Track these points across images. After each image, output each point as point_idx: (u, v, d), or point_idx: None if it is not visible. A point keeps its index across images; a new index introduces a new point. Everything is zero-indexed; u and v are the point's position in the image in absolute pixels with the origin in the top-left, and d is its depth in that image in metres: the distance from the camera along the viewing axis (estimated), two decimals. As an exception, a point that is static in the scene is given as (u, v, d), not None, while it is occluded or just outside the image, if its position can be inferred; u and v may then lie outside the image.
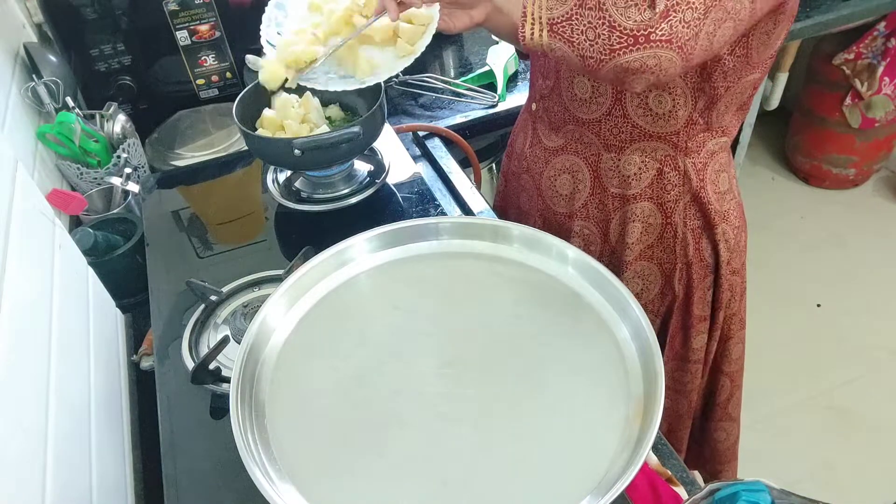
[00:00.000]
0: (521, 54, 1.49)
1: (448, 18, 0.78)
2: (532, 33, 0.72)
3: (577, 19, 0.70)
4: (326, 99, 1.08)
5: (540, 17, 0.71)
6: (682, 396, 1.14)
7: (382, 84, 1.02)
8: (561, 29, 0.71)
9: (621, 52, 0.68)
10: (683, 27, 0.67)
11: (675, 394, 1.14)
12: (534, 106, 1.02)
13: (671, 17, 0.66)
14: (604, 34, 0.68)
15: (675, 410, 1.16)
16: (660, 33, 0.67)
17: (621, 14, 0.67)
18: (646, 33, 0.67)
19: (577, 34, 0.70)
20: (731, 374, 1.13)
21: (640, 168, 0.91)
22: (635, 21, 0.67)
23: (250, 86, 1.06)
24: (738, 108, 0.90)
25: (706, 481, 1.35)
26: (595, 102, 0.88)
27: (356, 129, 0.94)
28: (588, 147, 0.93)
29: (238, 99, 1.03)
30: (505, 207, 1.18)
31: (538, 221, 1.05)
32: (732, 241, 0.98)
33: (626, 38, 0.67)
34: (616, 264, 0.99)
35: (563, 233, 1.02)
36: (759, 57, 0.82)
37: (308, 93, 1.02)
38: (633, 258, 0.97)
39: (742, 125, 2.09)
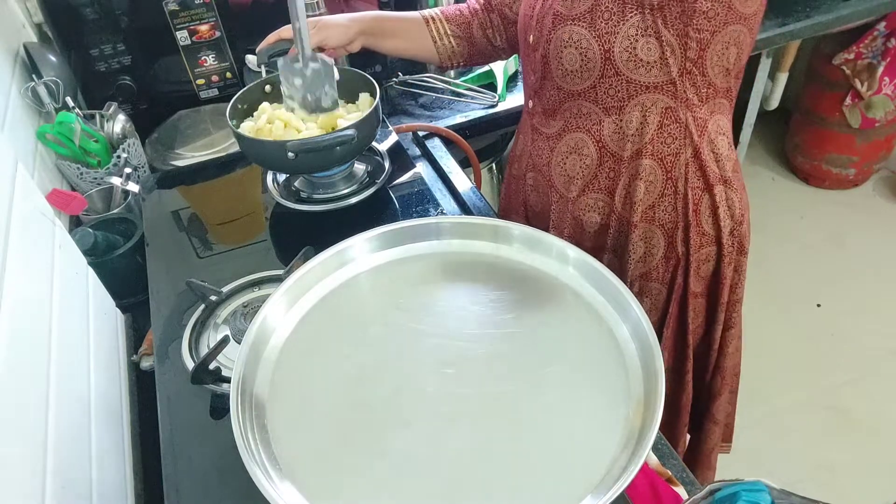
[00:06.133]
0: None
1: None
2: None
3: None
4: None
5: None
6: (681, 387, 1.13)
7: (378, 87, 1.03)
8: None
9: None
10: None
11: (675, 383, 1.13)
12: (530, 104, 1.02)
13: None
14: None
15: (674, 402, 1.15)
16: None
17: None
18: None
19: None
20: (723, 369, 1.12)
21: (641, 123, 0.91)
22: None
23: (246, 87, 1.06)
24: (736, 74, 0.90)
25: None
26: (586, 69, 0.88)
27: (350, 132, 0.93)
28: (588, 117, 0.94)
29: (233, 100, 1.03)
30: (507, 215, 1.18)
31: (555, 213, 1.05)
32: (737, 210, 0.97)
33: None
34: (624, 228, 0.99)
35: (579, 213, 1.01)
36: (744, 9, 0.83)
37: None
38: (638, 219, 0.97)
39: (742, 124, 2.10)
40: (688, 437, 1.25)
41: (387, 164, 1.12)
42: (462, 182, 1.17)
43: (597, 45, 0.86)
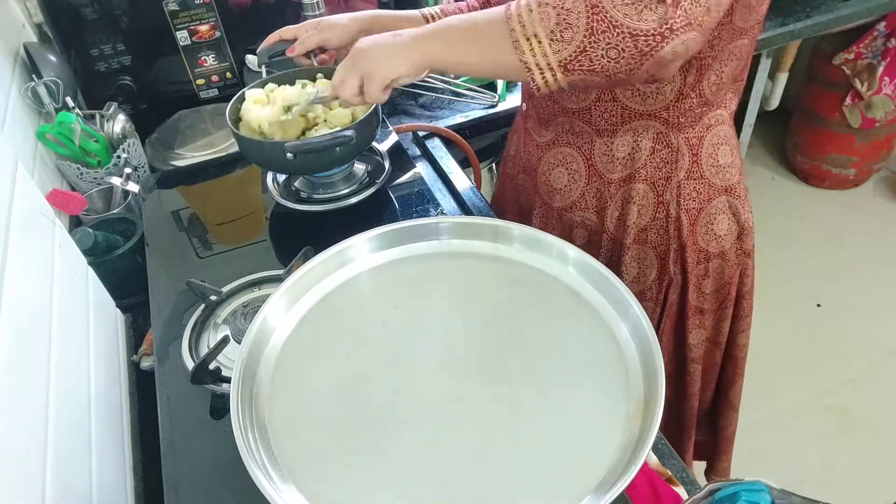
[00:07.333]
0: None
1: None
2: (546, 81, 0.70)
3: (592, 48, 0.68)
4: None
5: (548, 64, 0.69)
6: (682, 401, 1.13)
7: None
8: (577, 65, 0.69)
9: (651, 54, 0.67)
10: (695, 6, 0.67)
11: (676, 392, 1.13)
12: (524, 106, 1.02)
13: (682, 2, 0.66)
14: (628, 46, 0.67)
15: (677, 412, 1.15)
16: (679, 22, 0.66)
17: (637, 20, 0.66)
18: (668, 27, 0.66)
19: (598, 59, 0.68)
20: (735, 359, 1.12)
21: (632, 148, 0.91)
22: (653, 20, 0.66)
23: (246, 88, 1.06)
24: (733, 80, 0.89)
25: (705, 475, 1.36)
26: (583, 91, 0.88)
27: (349, 132, 0.93)
28: (580, 136, 0.93)
29: (233, 100, 1.03)
30: (501, 212, 1.18)
31: (538, 217, 1.05)
32: (742, 215, 0.97)
33: (651, 38, 0.67)
34: (616, 249, 0.99)
35: (565, 226, 1.02)
36: (745, 23, 0.82)
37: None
38: (631, 241, 0.97)
39: (742, 124, 2.10)
40: (696, 462, 1.27)
41: (387, 164, 1.12)
42: (462, 182, 1.17)
43: None
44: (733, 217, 0.96)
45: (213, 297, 0.88)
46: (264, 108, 0.99)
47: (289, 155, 0.93)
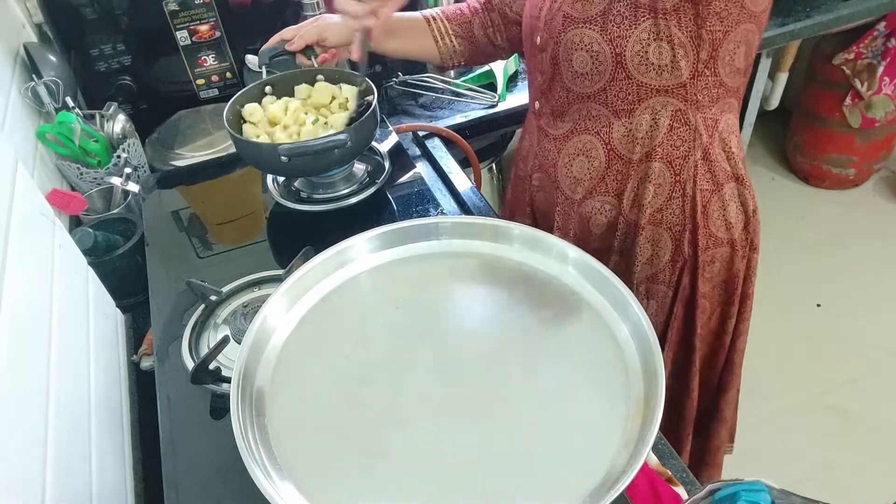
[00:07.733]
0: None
1: None
2: None
3: None
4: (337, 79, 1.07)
5: None
6: (685, 394, 1.13)
7: (375, 92, 1.02)
8: None
9: None
10: None
11: (678, 390, 1.12)
12: (536, 105, 1.02)
13: None
14: None
15: (678, 408, 1.15)
16: None
17: None
18: None
19: None
20: (733, 364, 1.12)
21: (651, 126, 0.91)
22: None
23: (246, 88, 1.06)
24: (744, 71, 0.90)
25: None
26: (597, 72, 0.88)
27: (342, 136, 0.93)
28: (597, 120, 0.93)
29: (231, 101, 1.02)
30: (513, 215, 1.18)
31: (560, 214, 1.05)
32: (750, 205, 0.97)
33: None
34: (631, 232, 0.99)
35: (584, 217, 1.01)
36: (755, 6, 0.83)
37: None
38: (646, 222, 0.96)
39: (742, 124, 2.10)
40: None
41: (387, 164, 1.12)
42: (462, 182, 1.17)
43: (608, 49, 0.85)
44: (741, 206, 0.97)
45: (213, 297, 0.88)
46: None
47: (283, 158, 0.93)
